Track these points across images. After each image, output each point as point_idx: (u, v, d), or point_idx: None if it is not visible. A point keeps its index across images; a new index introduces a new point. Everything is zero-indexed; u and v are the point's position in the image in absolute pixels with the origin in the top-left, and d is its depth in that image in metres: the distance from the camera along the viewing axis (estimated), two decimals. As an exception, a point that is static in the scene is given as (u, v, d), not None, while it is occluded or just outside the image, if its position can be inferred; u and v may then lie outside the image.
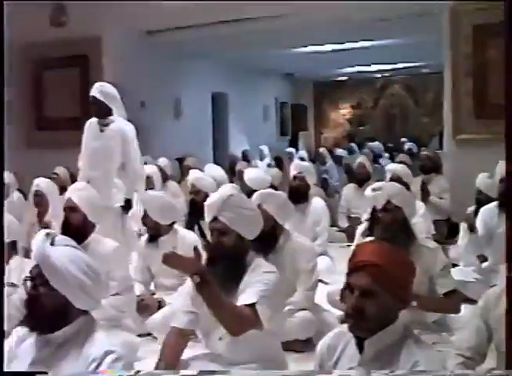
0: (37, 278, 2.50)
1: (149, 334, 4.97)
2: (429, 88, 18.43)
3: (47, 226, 6.33)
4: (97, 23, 9.87)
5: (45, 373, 2.47)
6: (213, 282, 3.05)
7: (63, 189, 6.79)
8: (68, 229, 4.56)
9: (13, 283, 3.78)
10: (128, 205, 6.53)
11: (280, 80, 19.00)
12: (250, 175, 7.83)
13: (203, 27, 9.99)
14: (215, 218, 3.39)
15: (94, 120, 6.56)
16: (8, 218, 4.11)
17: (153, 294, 5.40)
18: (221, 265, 3.30)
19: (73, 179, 7.22)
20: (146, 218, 5.37)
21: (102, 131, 6.47)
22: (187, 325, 3.37)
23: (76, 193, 4.79)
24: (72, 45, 10.04)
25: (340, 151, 14.46)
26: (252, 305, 3.17)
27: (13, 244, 4.45)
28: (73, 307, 2.51)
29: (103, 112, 6.45)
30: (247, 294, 3.22)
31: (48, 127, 10.45)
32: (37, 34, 10.15)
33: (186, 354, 3.43)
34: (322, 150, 14.07)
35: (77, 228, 4.59)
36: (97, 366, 2.42)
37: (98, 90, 6.43)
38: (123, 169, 6.50)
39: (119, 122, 6.47)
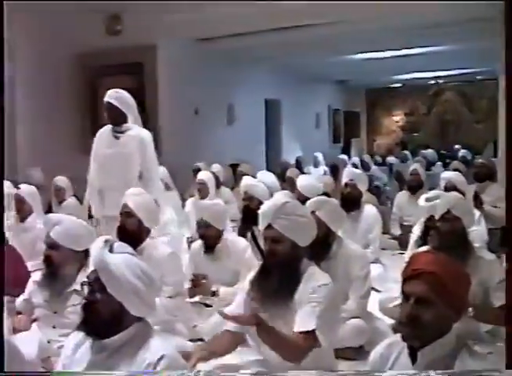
0: (95, 283, 2.54)
1: (201, 340, 4.99)
2: (483, 95, 18.23)
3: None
4: (152, 32, 9.96)
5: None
6: (271, 327, 3.13)
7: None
8: (123, 233, 4.61)
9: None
10: None
11: (333, 87, 18.99)
12: (302, 182, 7.79)
13: (257, 34, 10.03)
14: (269, 226, 3.40)
15: (107, 127, 6.28)
16: (80, 223, 4.15)
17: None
18: (276, 273, 3.32)
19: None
20: (200, 229, 5.38)
21: (117, 138, 6.19)
22: (238, 328, 3.40)
23: (131, 198, 4.80)
24: (127, 53, 10.16)
25: (391, 159, 14.37)
26: (310, 331, 3.22)
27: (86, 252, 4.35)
28: (128, 313, 2.54)
29: (119, 119, 6.17)
30: (304, 319, 3.26)
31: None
32: (94, 42, 10.28)
33: (237, 359, 3.47)
34: (365, 156, 14.13)
35: (133, 233, 4.62)
36: (152, 371, 2.46)
37: (113, 96, 6.16)
38: (140, 179, 6.15)
39: (136, 129, 6.21)
